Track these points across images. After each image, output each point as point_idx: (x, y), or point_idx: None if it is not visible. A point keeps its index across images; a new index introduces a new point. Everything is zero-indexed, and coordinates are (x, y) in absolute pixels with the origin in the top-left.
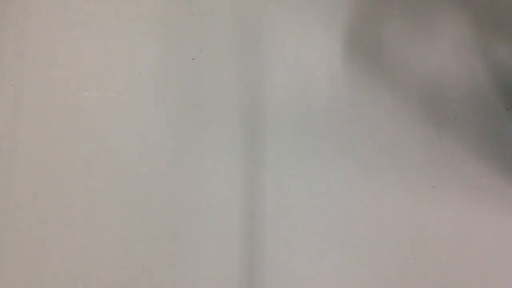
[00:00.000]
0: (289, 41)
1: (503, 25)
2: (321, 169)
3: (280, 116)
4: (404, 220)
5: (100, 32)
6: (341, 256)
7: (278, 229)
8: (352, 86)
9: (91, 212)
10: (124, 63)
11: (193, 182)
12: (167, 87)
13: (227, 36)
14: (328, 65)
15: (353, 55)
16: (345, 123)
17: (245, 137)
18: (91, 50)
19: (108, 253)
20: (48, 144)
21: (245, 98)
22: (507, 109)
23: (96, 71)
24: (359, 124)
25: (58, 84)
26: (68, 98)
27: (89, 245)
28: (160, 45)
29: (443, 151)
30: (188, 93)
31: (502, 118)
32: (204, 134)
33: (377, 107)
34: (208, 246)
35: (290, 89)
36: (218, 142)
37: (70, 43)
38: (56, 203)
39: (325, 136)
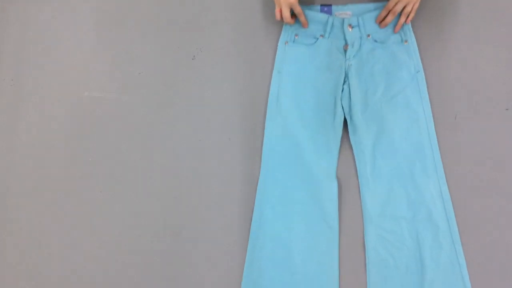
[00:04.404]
0: None
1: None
2: None
3: None
4: None
5: (100, 32)
6: None
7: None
8: None
9: (91, 212)
10: (124, 63)
11: (193, 182)
12: (167, 87)
13: (227, 36)
14: None
15: None
16: None
17: (245, 137)
18: (91, 50)
19: (108, 252)
20: (48, 144)
21: (245, 98)
22: (507, 109)
23: (96, 71)
24: None
25: (58, 84)
26: (68, 98)
27: (89, 245)
28: (160, 45)
29: None
30: (188, 93)
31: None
32: (204, 134)
33: None
34: (208, 246)
35: None
36: (218, 142)
37: (70, 43)
38: (56, 202)
39: None
